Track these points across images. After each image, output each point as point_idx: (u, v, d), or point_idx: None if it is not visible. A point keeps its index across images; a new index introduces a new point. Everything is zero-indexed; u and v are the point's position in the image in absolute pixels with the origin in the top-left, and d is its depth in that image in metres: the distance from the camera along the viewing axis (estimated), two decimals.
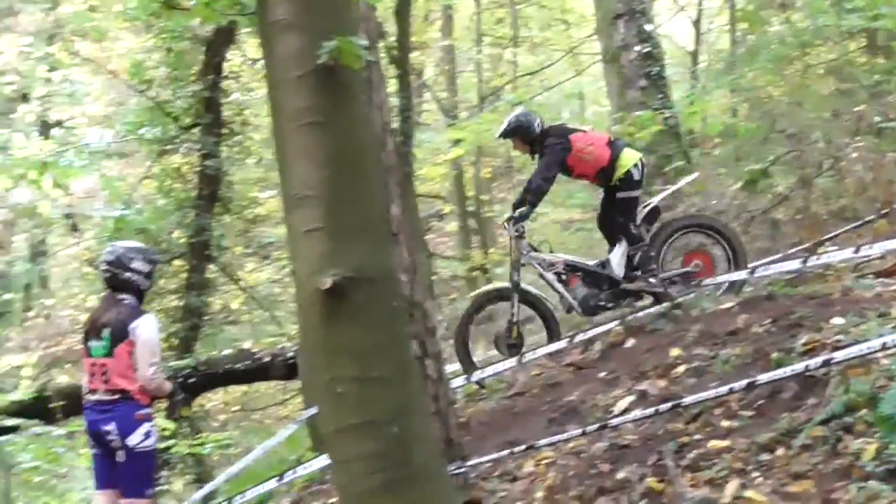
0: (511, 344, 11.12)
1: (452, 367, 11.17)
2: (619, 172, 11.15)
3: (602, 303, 11.23)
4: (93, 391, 8.60)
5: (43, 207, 21.05)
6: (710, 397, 7.11)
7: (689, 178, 12.47)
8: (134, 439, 8.40)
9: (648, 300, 11.30)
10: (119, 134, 21.39)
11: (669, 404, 7.17)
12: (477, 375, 10.80)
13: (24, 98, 26.46)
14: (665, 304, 10.70)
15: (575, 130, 11.53)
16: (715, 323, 9.51)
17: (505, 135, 11.68)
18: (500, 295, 11.35)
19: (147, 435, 8.48)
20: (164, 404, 12.82)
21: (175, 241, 18.93)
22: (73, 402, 14.03)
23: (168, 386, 8.91)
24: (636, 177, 11.18)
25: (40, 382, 19.07)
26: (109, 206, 20.19)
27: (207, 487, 11.83)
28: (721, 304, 10.28)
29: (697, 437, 7.13)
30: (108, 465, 8.60)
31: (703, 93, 18.28)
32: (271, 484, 10.37)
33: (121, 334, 8.44)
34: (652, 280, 11.08)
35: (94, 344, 8.59)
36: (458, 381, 10.55)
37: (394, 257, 5.65)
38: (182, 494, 15.49)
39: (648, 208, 11.44)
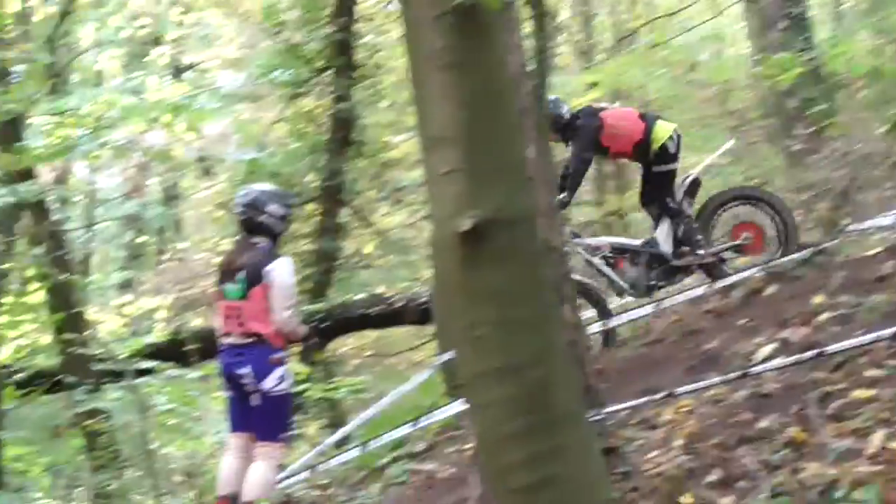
0: None
1: (587, 313, 11.17)
2: (655, 146, 11.14)
3: (654, 282, 11.26)
4: (227, 334, 8.70)
5: (176, 151, 21.32)
6: (854, 346, 7.00)
7: (725, 146, 12.36)
8: (269, 383, 8.49)
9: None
10: (251, 77, 21.53)
11: (812, 353, 7.07)
12: None
13: (157, 41, 26.77)
14: (808, 251, 10.58)
15: (604, 108, 11.56)
16: (860, 270, 9.36)
17: None
18: None
19: (282, 379, 8.57)
20: (298, 348, 12.92)
21: (308, 184, 19.04)
22: (207, 346, 14.21)
23: (303, 330, 9.00)
24: (671, 150, 11.14)
25: (174, 325, 19.38)
26: (242, 150, 20.40)
27: (341, 432, 11.94)
28: (866, 250, 10.13)
29: (841, 386, 7.01)
30: (243, 408, 8.73)
31: (846, 34, 17.92)
32: (405, 429, 10.46)
33: (256, 277, 8.52)
34: (700, 252, 11.03)
35: (228, 287, 8.69)
36: (594, 328, 10.51)
37: (532, 200, 5.61)
38: (316, 439, 15.64)
39: (689, 180, 11.38)
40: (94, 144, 15.20)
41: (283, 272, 8.59)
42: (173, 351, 16.07)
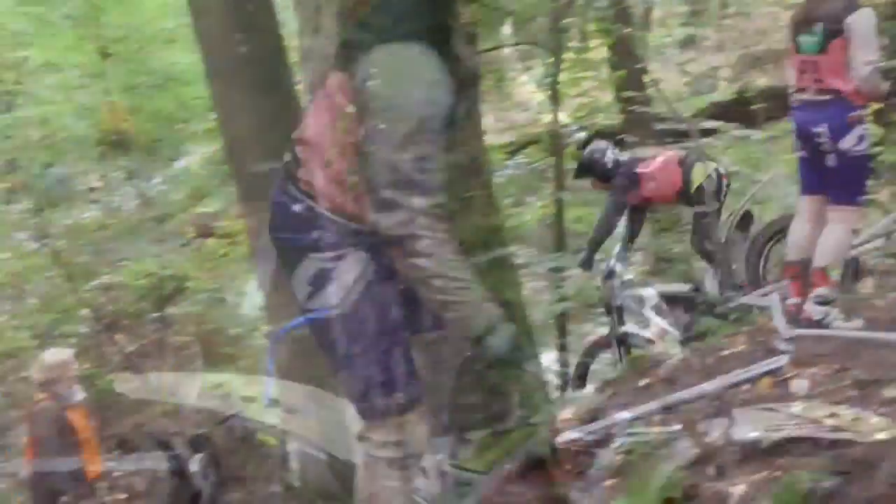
0: None
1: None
2: (692, 189, 11.28)
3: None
4: (802, 90, 8.59)
5: None
6: None
7: (767, 178, 12.33)
8: (846, 143, 8.34)
9: None
10: None
11: None
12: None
13: None
14: None
15: (643, 159, 11.61)
16: None
17: (578, 174, 11.95)
18: (608, 343, 11.29)
19: (860, 139, 8.39)
20: (875, 107, 12.74)
21: None
22: (774, 105, 14.19)
23: (884, 87, 8.77)
24: (708, 190, 11.19)
25: (739, 83, 19.38)
26: None
27: None
28: None
29: None
30: (816, 169, 8.64)
31: None
32: None
33: (835, 29, 8.28)
34: (740, 297, 10.75)
35: (804, 39, 8.54)
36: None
37: None
38: (888, 206, 15.45)
39: (739, 216, 11.40)
40: None
41: (864, 24, 8.30)
42: (738, 110, 16.14)
